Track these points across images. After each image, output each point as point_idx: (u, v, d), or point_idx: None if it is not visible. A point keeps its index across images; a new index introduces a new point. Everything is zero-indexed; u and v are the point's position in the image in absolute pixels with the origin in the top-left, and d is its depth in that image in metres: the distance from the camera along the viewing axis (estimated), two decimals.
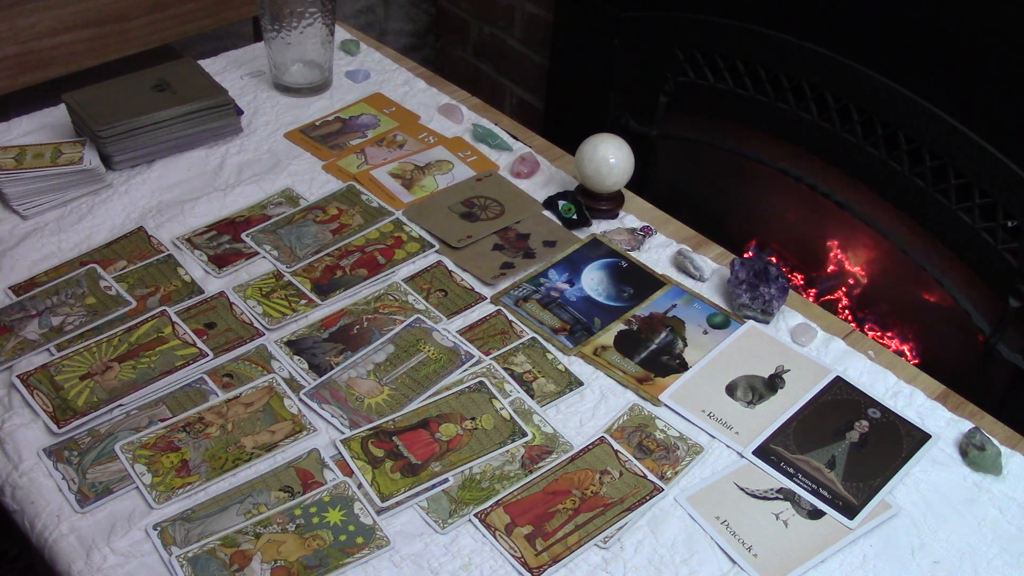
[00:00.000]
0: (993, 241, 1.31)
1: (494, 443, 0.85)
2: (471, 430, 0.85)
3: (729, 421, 0.88)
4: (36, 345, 0.90)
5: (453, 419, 0.86)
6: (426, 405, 0.87)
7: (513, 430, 0.86)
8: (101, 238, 1.03)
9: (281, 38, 1.23)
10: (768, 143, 1.60)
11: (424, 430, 0.85)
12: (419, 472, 0.82)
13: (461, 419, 0.86)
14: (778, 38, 1.49)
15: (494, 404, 0.88)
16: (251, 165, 1.15)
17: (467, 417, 0.86)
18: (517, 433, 0.85)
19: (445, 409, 0.87)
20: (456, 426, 0.86)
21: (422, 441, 0.84)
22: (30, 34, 1.52)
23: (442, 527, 0.78)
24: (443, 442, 0.84)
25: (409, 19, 2.50)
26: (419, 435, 0.85)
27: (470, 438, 0.85)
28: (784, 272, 0.99)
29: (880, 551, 0.79)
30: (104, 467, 0.80)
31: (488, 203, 1.11)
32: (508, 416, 0.87)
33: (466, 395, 0.88)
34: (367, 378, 0.89)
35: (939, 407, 0.92)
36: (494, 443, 0.85)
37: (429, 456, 0.83)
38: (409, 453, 0.83)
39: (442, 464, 0.83)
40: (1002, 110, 1.26)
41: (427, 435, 0.85)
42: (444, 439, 0.84)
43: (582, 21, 1.88)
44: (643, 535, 0.79)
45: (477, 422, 0.86)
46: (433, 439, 0.84)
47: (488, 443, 0.85)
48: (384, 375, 0.90)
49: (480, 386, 0.89)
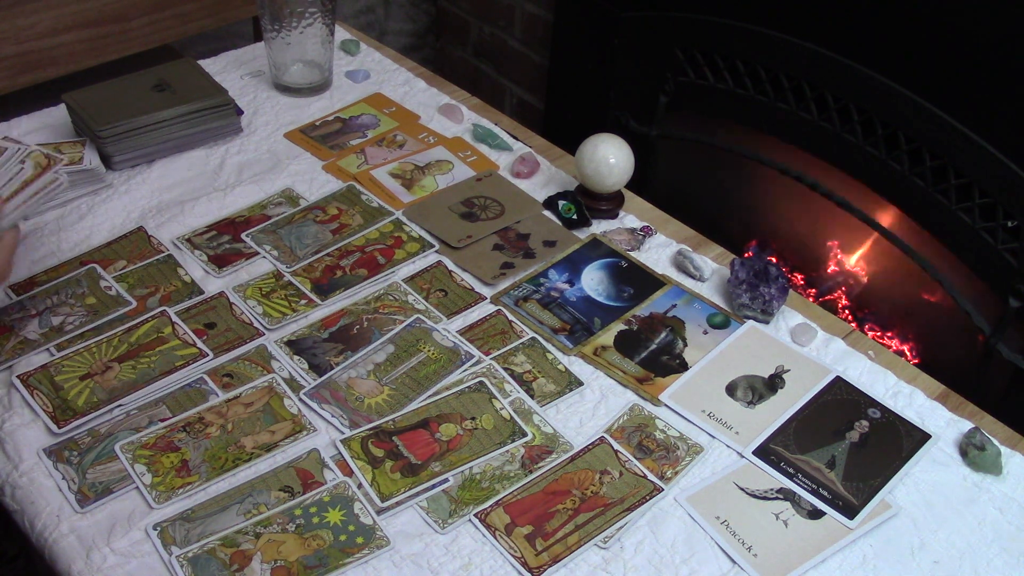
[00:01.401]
0: (993, 241, 1.31)
1: (494, 443, 0.85)
2: (471, 430, 0.85)
3: (729, 421, 0.88)
4: (36, 345, 0.90)
5: (453, 419, 0.86)
6: (426, 405, 0.87)
7: (513, 430, 0.86)
8: (101, 238, 1.03)
9: (281, 38, 1.23)
10: (768, 143, 1.60)
11: (424, 430, 0.85)
12: (419, 472, 0.82)
13: (461, 419, 0.86)
14: (778, 38, 1.49)
15: (494, 404, 0.88)
16: (251, 165, 1.15)
17: (467, 417, 0.86)
18: (517, 433, 0.85)
19: (445, 409, 0.87)
20: (456, 426, 0.86)
21: (422, 441, 0.84)
22: (30, 34, 1.52)
23: (442, 527, 0.78)
24: (443, 442, 0.84)
25: (409, 19, 2.50)
26: (419, 435, 0.85)
27: (470, 438, 0.85)
28: (784, 272, 0.99)
29: (880, 551, 0.79)
30: (104, 467, 0.80)
31: (488, 203, 1.11)
32: (508, 416, 0.87)
33: (466, 395, 0.88)
34: (367, 378, 0.89)
35: (939, 407, 0.92)
36: (494, 443, 0.85)
37: (429, 456, 0.83)
38: (409, 453, 0.83)
39: (442, 464, 0.83)
40: (1002, 110, 1.26)
41: (427, 435, 0.85)
42: (444, 439, 0.85)
43: (582, 21, 1.88)
44: (643, 535, 0.79)
45: (477, 422, 0.86)
46: (433, 439, 0.84)
47: (488, 443, 0.85)
48: (384, 375, 0.90)
49: (480, 386, 0.89)
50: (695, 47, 1.64)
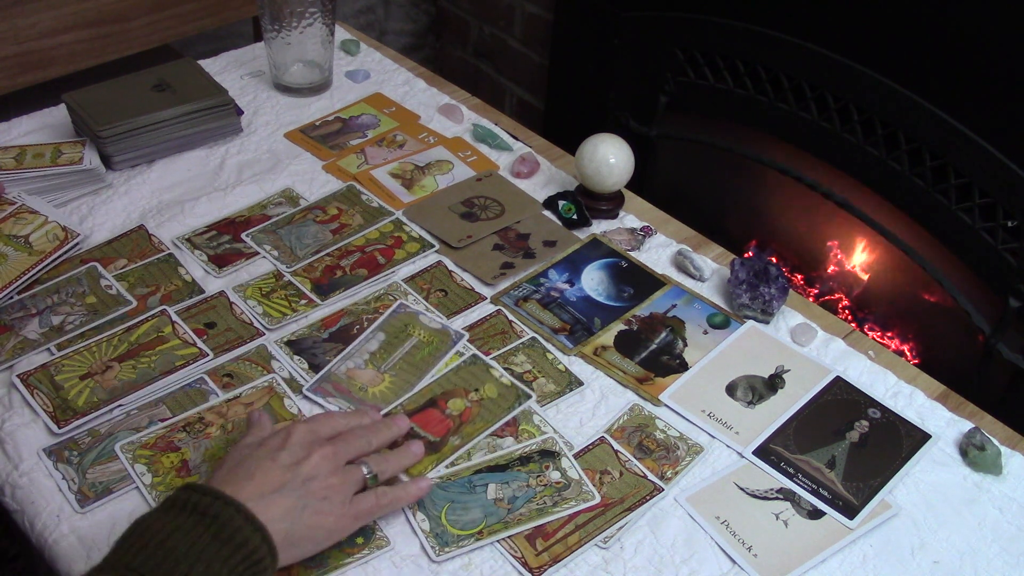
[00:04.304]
0: (993, 241, 1.31)
1: (503, 409, 0.87)
2: (477, 401, 0.88)
3: (729, 421, 0.88)
4: (36, 344, 0.90)
5: (458, 394, 0.88)
6: (429, 385, 0.89)
7: (517, 394, 0.88)
8: (101, 238, 1.03)
9: (281, 38, 1.23)
10: (768, 143, 1.61)
11: (434, 409, 0.87)
12: (441, 448, 0.84)
13: (465, 392, 0.88)
14: (778, 38, 1.49)
15: (492, 373, 0.90)
16: (251, 165, 1.15)
17: (470, 389, 0.88)
18: (522, 396, 0.88)
19: (447, 386, 0.89)
20: (463, 400, 0.88)
21: (435, 419, 0.86)
22: (30, 34, 1.52)
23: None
24: (455, 416, 0.86)
25: (409, 19, 2.50)
26: (431, 414, 0.86)
27: (479, 408, 0.87)
28: (784, 272, 0.99)
29: (880, 551, 0.79)
30: (104, 467, 0.80)
31: (488, 203, 1.11)
32: (508, 382, 0.89)
33: (464, 369, 0.90)
34: (365, 368, 0.90)
35: (939, 407, 0.92)
36: (503, 409, 0.87)
37: (446, 431, 0.85)
38: (427, 432, 0.85)
39: (460, 437, 0.84)
40: (1002, 110, 1.26)
41: (438, 413, 0.87)
42: (455, 414, 0.86)
43: (582, 21, 1.88)
44: (643, 535, 0.79)
45: (481, 392, 0.88)
46: (445, 416, 0.86)
47: (497, 410, 0.87)
48: (381, 363, 0.90)
49: (474, 359, 0.91)
50: (695, 47, 1.64)
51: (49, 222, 0.99)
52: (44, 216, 1.00)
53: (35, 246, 0.97)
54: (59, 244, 0.97)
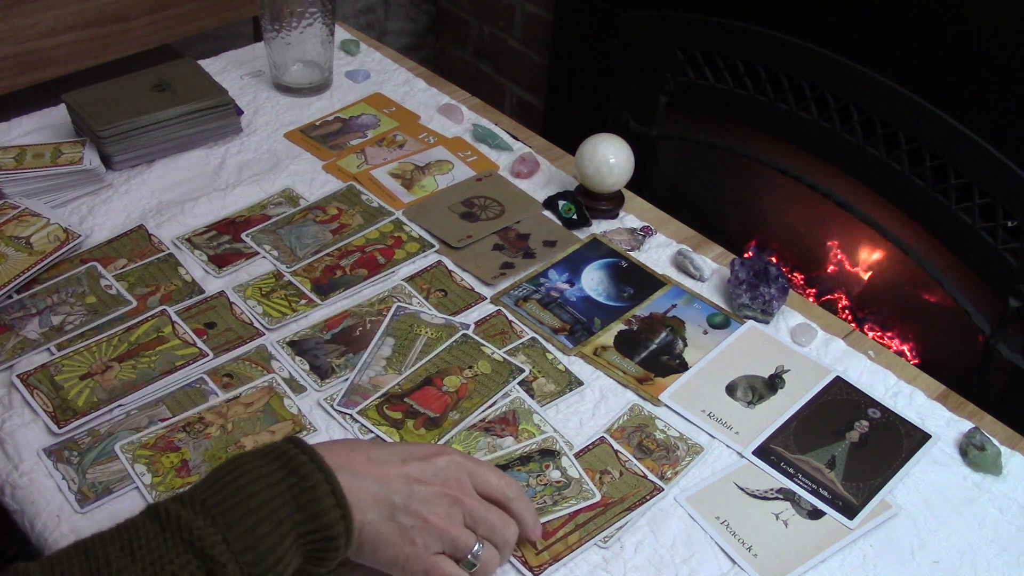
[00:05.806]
0: (993, 241, 1.31)
1: (498, 384, 0.88)
2: (472, 377, 0.89)
3: (729, 421, 0.88)
4: (36, 344, 0.90)
5: (453, 371, 0.90)
6: (424, 366, 0.90)
7: (511, 369, 0.90)
8: (101, 238, 1.03)
9: (281, 38, 1.23)
10: (768, 143, 1.61)
11: (431, 386, 0.88)
12: (442, 423, 0.85)
13: (460, 370, 0.90)
14: (778, 38, 1.49)
15: (484, 351, 0.91)
16: (251, 165, 1.15)
17: (465, 367, 0.90)
18: (515, 370, 0.90)
19: (442, 365, 0.90)
20: (458, 377, 0.89)
21: (433, 396, 0.87)
22: (30, 34, 1.52)
23: None
24: (452, 393, 0.88)
25: (409, 19, 2.50)
26: (428, 391, 0.88)
27: (475, 384, 0.88)
28: (784, 272, 0.99)
29: (880, 551, 0.79)
30: (104, 467, 0.80)
31: (488, 203, 1.11)
32: (501, 358, 0.91)
33: (456, 348, 0.92)
34: (386, 372, 0.90)
35: (939, 407, 0.92)
36: (498, 384, 0.88)
37: (445, 407, 0.86)
38: (425, 409, 0.86)
39: (459, 411, 0.86)
40: (1002, 110, 1.26)
41: (435, 390, 0.88)
42: (452, 390, 0.88)
43: (582, 21, 1.89)
44: (643, 535, 0.79)
45: (475, 369, 0.90)
46: (442, 392, 0.88)
47: (492, 385, 0.88)
48: (400, 365, 0.91)
49: (464, 339, 0.93)
50: (695, 47, 1.64)
51: (51, 224, 0.99)
52: (46, 219, 1.00)
53: (36, 247, 0.97)
54: (59, 244, 0.97)
